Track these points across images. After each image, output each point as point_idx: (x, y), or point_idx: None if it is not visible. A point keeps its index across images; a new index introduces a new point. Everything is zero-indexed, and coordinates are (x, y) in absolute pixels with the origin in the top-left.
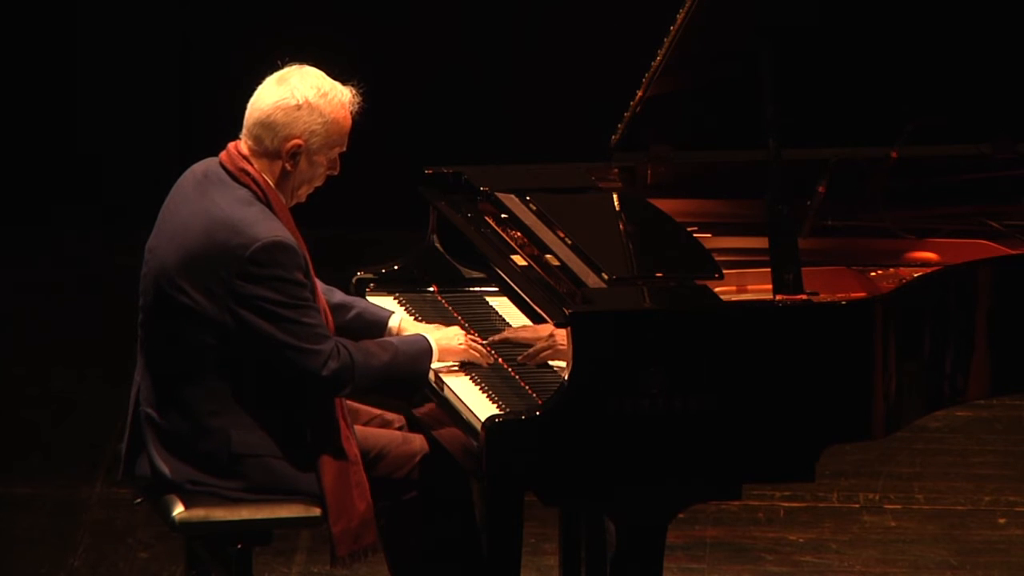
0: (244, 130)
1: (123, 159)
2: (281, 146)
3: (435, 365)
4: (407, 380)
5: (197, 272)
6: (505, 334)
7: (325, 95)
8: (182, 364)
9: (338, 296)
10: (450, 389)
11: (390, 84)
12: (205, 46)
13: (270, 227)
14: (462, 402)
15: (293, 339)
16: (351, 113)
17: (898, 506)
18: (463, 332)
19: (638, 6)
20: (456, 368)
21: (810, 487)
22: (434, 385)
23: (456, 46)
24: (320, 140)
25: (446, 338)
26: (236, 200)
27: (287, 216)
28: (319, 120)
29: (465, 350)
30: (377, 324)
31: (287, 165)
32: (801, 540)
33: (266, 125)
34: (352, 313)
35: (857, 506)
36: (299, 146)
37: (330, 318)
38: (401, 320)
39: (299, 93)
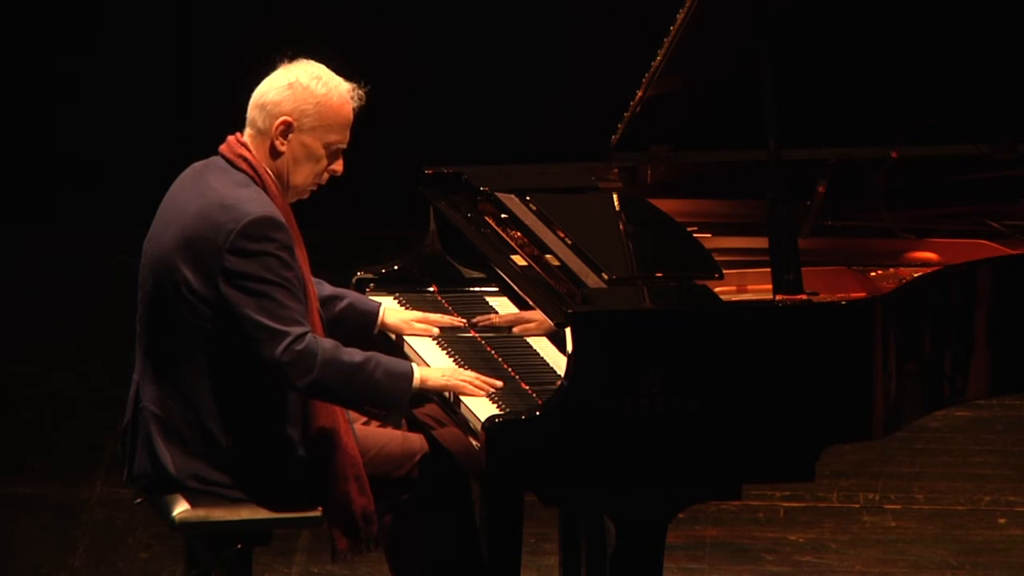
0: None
1: (123, 159)
2: (271, 124)
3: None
4: (380, 392)
5: (193, 254)
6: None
7: (319, 79)
8: (180, 352)
9: (327, 289)
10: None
11: (391, 84)
12: (205, 46)
13: (262, 205)
14: (462, 402)
15: (262, 315)
16: (351, 106)
17: (898, 506)
18: (452, 370)
19: (638, 6)
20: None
21: (810, 487)
22: None
23: (456, 46)
24: (312, 121)
25: (430, 369)
26: (232, 183)
27: (284, 203)
28: (310, 100)
29: (446, 383)
30: (369, 312)
31: (277, 142)
32: (801, 540)
33: (259, 106)
34: (343, 303)
35: (857, 506)
36: (289, 123)
37: (318, 315)
38: (386, 310)
39: (293, 75)
